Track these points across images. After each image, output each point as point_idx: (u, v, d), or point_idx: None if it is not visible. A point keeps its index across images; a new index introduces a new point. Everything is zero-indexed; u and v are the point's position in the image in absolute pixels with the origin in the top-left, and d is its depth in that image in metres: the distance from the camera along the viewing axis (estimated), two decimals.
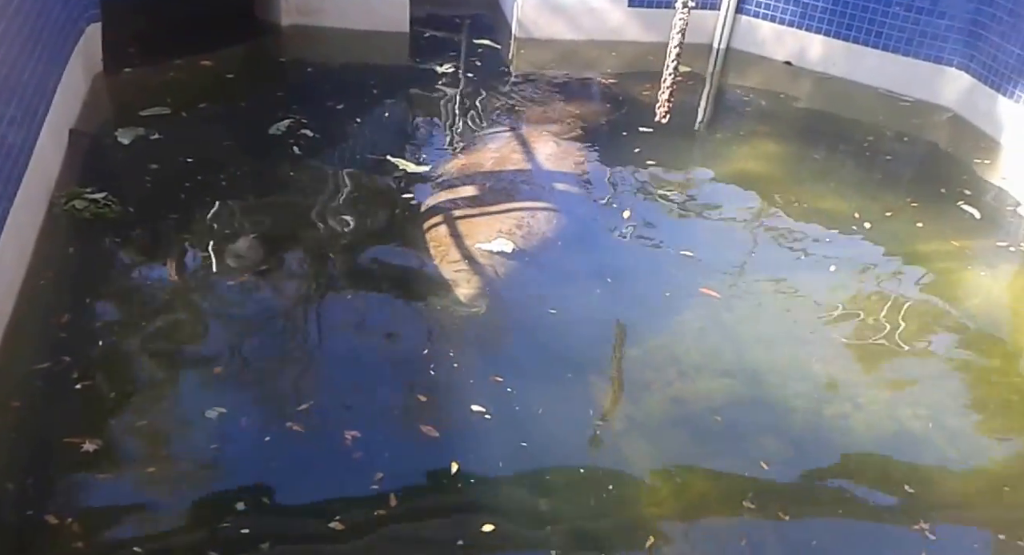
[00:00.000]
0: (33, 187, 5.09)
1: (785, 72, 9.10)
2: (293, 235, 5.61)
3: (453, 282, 5.19)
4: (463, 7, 10.01)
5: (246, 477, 3.88)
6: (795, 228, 6.31)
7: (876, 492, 4.22)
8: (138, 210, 5.57)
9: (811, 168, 7.27)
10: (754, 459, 4.26)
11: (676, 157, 7.17)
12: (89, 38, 7.03)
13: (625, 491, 4.03)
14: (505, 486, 4.00)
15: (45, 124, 5.52)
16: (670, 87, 6.04)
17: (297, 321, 4.92)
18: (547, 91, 8.22)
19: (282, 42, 8.59)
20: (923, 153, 7.93)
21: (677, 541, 3.84)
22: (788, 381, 4.82)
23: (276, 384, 4.44)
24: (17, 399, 4.09)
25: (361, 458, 4.00)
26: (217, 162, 6.21)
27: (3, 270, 4.45)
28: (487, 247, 5.46)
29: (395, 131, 7.28)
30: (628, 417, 4.48)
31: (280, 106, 7.11)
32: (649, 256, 5.86)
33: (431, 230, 5.72)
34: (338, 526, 3.68)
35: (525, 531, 3.82)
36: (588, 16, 9.30)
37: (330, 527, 3.67)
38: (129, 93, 7.11)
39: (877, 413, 4.68)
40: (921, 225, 6.48)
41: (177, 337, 4.66)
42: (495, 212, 5.91)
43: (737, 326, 5.23)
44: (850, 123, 8.24)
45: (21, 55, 5.19)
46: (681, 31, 5.83)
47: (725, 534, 3.91)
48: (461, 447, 4.13)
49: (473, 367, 4.66)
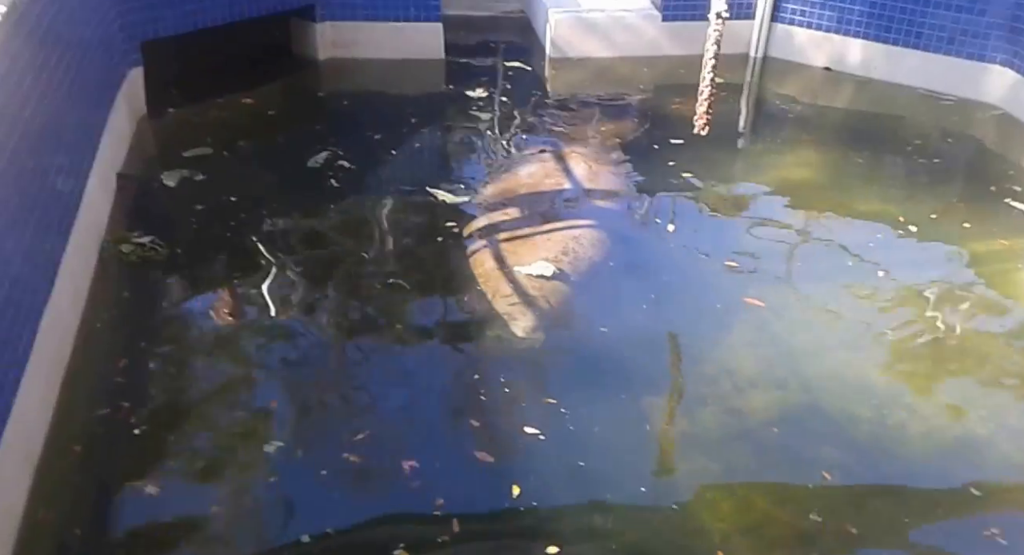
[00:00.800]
0: (84, 233, 5.18)
1: (824, 78, 9.02)
2: (337, 269, 5.64)
3: (507, 315, 5.13)
4: (497, 32, 10.06)
5: (308, 509, 3.90)
6: (841, 234, 6.23)
7: (942, 499, 4.14)
8: (185, 252, 5.65)
9: (855, 173, 7.18)
10: (816, 470, 4.19)
11: (718, 168, 7.12)
12: (132, 82, 7.16)
13: (687, 508, 3.99)
14: (566, 507, 3.97)
15: (93, 170, 5.63)
16: (708, 99, 6.01)
17: (346, 354, 4.94)
18: (583, 110, 8.21)
19: (320, 76, 8.69)
20: (969, 152, 7.79)
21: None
22: (844, 390, 4.74)
23: (331, 416, 4.47)
24: (79, 444, 4.14)
25: (420, 486, 4.00)
26: (260, 199, 6.28)
27: (60, 316, 4.52)
28: (531, 271, 5.44)
29: (434, 159, 7.33)
30: (684, 433, 4.44)
31: (319, 139, 7.17)
32: (695, 269, 5.81)
33: (475, 257, 5.72)
34: (403, 554, 3.67)
35: (590, 552, 3.78)
36: (622, 33, 9.30)
37: None
38: (173, 134, 7.22)
39: (938, 418, 4.60)
40: (969, 225, 6.36)
41: (231, 376, 4.70)
42: (538, 235, 5.90)
43: (789, 336, 5.16)
44: (893, 125, 8.14)
45: (67, 103, 5.31)
46: (716, 42, 5.80)
47: (793, 549, 3.85)
48: (520, 469, 4.12)
49: (524, 390, 4.64)
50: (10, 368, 3.77)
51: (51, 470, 3.95)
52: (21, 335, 3.97)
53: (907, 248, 6.12)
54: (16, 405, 3.74)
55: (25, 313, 4.05)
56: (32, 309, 4.18)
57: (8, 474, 3.58)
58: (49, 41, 5.12)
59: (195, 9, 7.61)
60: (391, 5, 8.73)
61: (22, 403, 3.80)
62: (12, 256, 3.99)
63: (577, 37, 9.26)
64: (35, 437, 4.00)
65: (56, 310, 4.45)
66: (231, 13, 7.87)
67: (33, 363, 4.02)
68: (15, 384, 3.80)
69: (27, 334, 4.04)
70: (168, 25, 7.47)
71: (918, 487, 4.20)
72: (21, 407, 3.78)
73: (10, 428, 3.63)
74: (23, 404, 3.80)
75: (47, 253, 4.54)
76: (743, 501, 4.03)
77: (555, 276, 5.40)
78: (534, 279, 5.38)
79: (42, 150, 4.70)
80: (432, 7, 8.81)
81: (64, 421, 4.23)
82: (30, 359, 4.00)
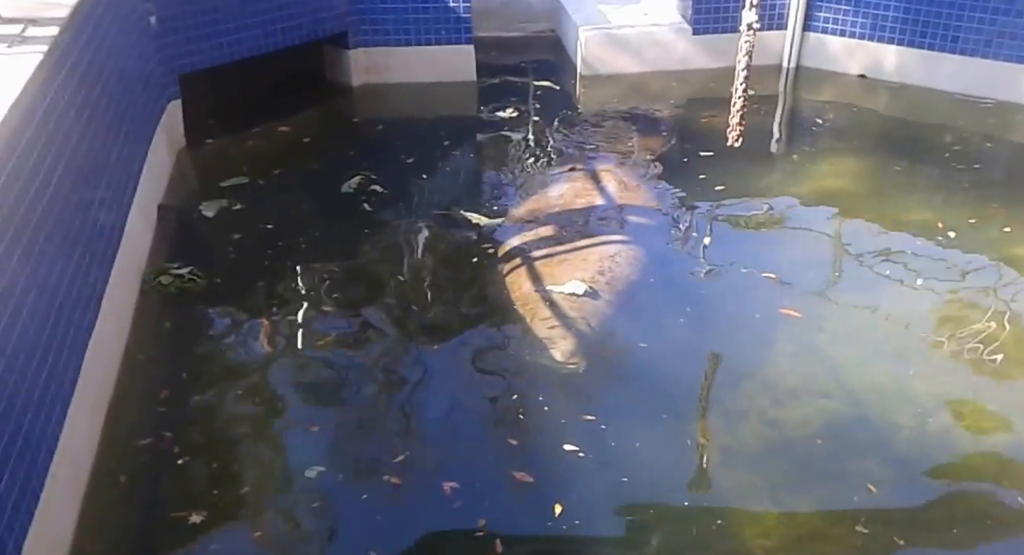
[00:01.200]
0: (126, 264, 5.27)
1: (859, 86, 8.95)
2: (374, 293, 5.67)
3: (548, 339, 5.12)
4: (528, 52, 10.10)
5: (352, 532, 3.92)
6: (880, 242, 6.17)
7: (995, 504, 4.06)
8: (224, 281, 5.72)
9: (893, 181, 7.11)
10: (860, 482, 4.14)
11: (753, 180, 7.09)
12: (171, 115, 7.30)
13: (731, 523, 3.95)
14: (609, 523, 3.96)
15: (134, 202, 5.73)
16: (740, 110, 5.98)
17: (385, 377, 4.96)
18: (615, 126, 8.22)
19: (353, 101, 8.79)
20: (1009, 155, 7.69)
21: None
22: (887, 400, 4.68)
23: (370, 439, 4.49)
24: (124, 473, 4.20)
25: (462, 506, 4.00)
26: (296, 226, 6.35)
27: (104, 346, 4.61)
28: (566, 290, 5.44)
29: (467, 182, 7.36)
30: (726, 448, 4.41)
31: (353, 165, 7.23)
32: (733, 282, 5.76)
33: (511, 278, 5.73)
34: None
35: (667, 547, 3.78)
36: (653, 48, 9.31)
37: None
38: (212, 165, 7.34)
39: (984, 423, 4.53)
40: (1009, 230, 6.27)
41: (272, 404, 4.73)
42: (573, 253, 5.90)
43: (829, 347, 5.11)
44: (931, 131, 8.05)
45: (108, 138, 5.42)
46: (748, 54, 5.78)
47: None
48: (561, 487, 4.11)
49: (563, 408, 4.64)
50: (57, 399, 3.84)
51: (98, 500, 4.01)
52: (68, 367, 4.04)
53: (947, 254, 6.04)
54: (63, 436, 3.81)
55: (71, 345, 4.13)
56: (77, 340, 4.26)
57: (56, 504, 3.64)
58: (90, 78, 5.23)
59: (230, 41, 7.74)
60: (423, 29, 8.82)
61: (69, 434, 3.87)
62: (57, 288, 4.07)
63: (608, 54, 9.28)
64: (82, 467, 4.06)
65: (100, 341, 4.53)
66: (265, 44, 8.00)
67: (79, 394, 4.09)
68: (62, 416, 3.87)
69: (73, 365, 4.12)
70: (205, 58, 7.61)
71: (967, 494, 4.14)
72: (68, 438, 3.85)
73: (57, 459, 3.70)
74: (69, 435, 3.88)
75: (91, 285, 4.63)
76: (787, 515, 3.99)
77: (590, 294, 5.39)
78: (570, 298, 5.37)
79: (85, 184, 4.80)
80: (463, 30, 8.88)
81: (109, 450, 4.30)
82: (76, 390, 4.08)
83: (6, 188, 3.59)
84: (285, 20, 8.09)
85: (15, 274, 3.56)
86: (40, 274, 3.88)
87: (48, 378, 3.75)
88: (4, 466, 3.17)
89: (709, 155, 7.34)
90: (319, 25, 8.41)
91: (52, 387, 3.79)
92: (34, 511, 3.40)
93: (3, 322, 3.37)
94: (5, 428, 3.23)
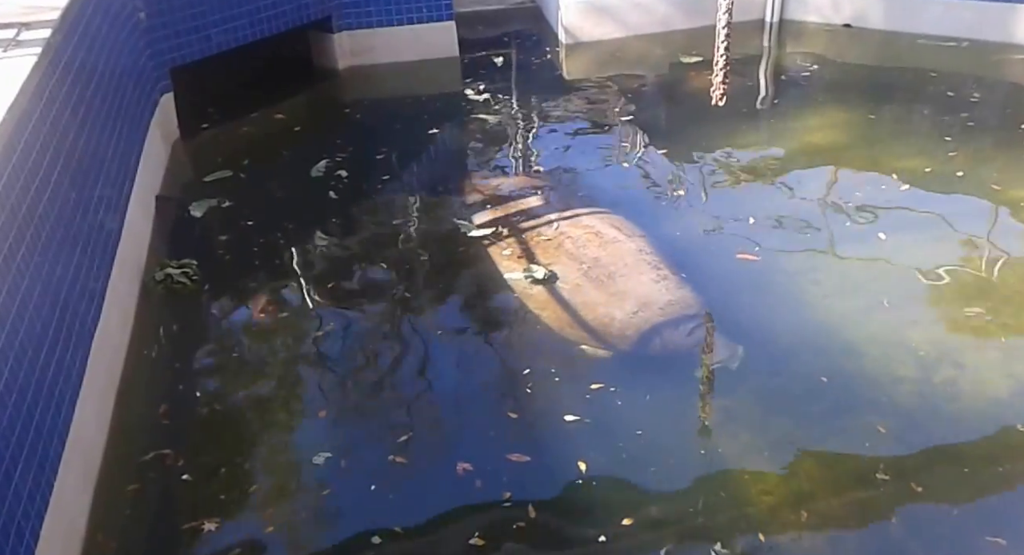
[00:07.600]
0: (128, 258, 5.35)
1: (845, 35, 8.94)
2: (367, 279, 5.69)
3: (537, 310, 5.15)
4: (508, 24, 10.14)
5: (369, 513, 3.92)
6: (874, 192, 6.18)
7: (998, 452, 4.06)
8: (217, 276, 5.69)
9: (884, 129, 7.12)
10: (863, 438, 4.12)
11: (741, 138, 7.11)
12: (164, 108, 7.38)
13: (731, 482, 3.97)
14: (629, 481, 3.99)
15: (132, 195, 5.81)
16: (723, 68, 5.99)
17: (385, 366, 4.93)
18: (600, 92, 8.24)
19: (341, 85, 8.85)
20: (1001, 95, 7.69)
21: None
22: (888, 351, 4.65)
23: (378, 421, 4.52)
24: (135, 483, 4.15)
25: (471, 475, 4.03)
26: (286, 210, 6.41)
27: (109, 338, 4.69)
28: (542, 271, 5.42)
29: (454, 160, 7.40)
30: (725, 409, 4.41)
31: (338, 149, 7.27)
32: (726, 238, 5.77)
33: (497, 255, 5.71)
34: (478, 542, 3.70)
35: (666, 518, 3.81)
36: (634, 11, 9.31)
37: (471, 543, 3.69)
38: (206, 154, 7.41)
39: (988, 374, 4.51)
40: (1000, 174, 6.26)
41: (274, 387, 4.76)
42: (561, 224, 5.91)
43: (825, 300, 5.10)
44: (920, 76, 8.06)
45: (104, 135, 5.49)
46: (728, 11, 5.77)
47: (846, 520, 3.81)
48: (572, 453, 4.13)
49: (565, 378, 4.66)
50: (66, 391, 3.92)
51: (110, 487, 4.07)
52: (75, 359, 4.13)
53: (942, 200, 6.03)
54: (73, 425, 3.90)
55: (77, 337, 4.21)
56: (83, 333, 4.34)
57: (69, 493, 3.71)
58: (84, 76, 5.31)
59: (218, 32, 7.82)
60: (404, 8, 8.87)
61: (79, 423, 3.95)
62: (62, 283, 4.15)
63: (589, 21, 9.29)
64: (93, 455, 4.15)
65: (106, 332, 4.62)
66: (252, 33, 8.08)
67: (87, 385, 4.17)
68: (71, 406, 3.95)
69: (80, 357, 4.20)
70: (194, 50, 7.70)
71: (975, 445, 4.11)
72: (78, 427, 3.93)
73: (69, 447, 3.79)
74: (80, 424, 3.96)
75: (95, 278, 4.70)
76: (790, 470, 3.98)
77: (582, 269, 5.41)
78: (558, 275, 5.38)
79: (84, 181, 4.87)
80: (444, 6, 8.94)
81: (119, 440, 4.35)
82: (84, 381, 4.16)
83: (7, 189, 3.68)
84: (270, 8, 8.16)
85: (21, 271, 3.65)
86: (44, 270, 3.96)
87: (56, 371, 3.83)
88: (18, 455, 3.27)
89: (696, 115, 7.35)
90: (303, 11, 8.46)
91: (61, 379, 3.87)
92: (48, 499, 3.49)
93: (11, 318, 3.45)
94: (17, 419, 3.32)
